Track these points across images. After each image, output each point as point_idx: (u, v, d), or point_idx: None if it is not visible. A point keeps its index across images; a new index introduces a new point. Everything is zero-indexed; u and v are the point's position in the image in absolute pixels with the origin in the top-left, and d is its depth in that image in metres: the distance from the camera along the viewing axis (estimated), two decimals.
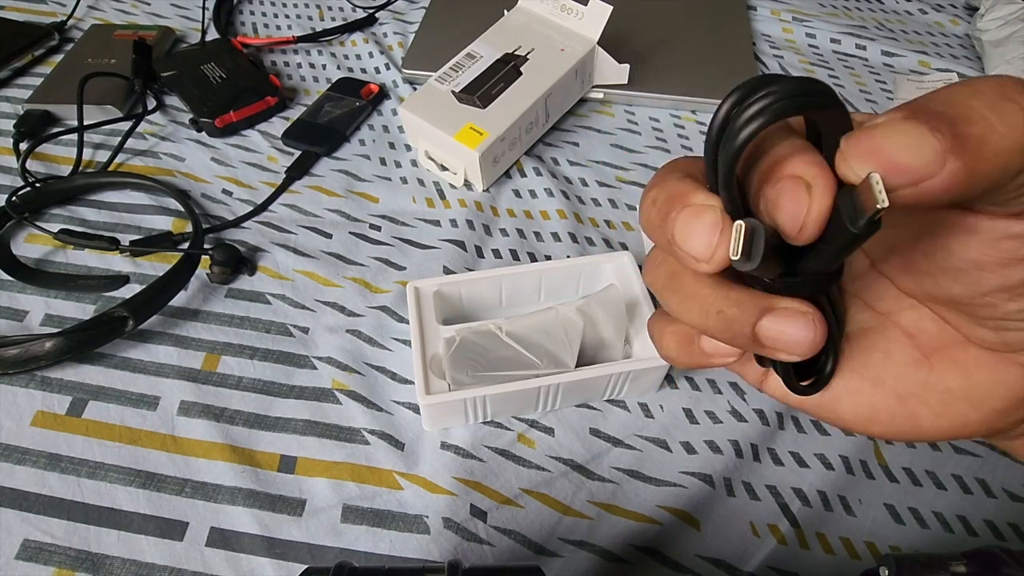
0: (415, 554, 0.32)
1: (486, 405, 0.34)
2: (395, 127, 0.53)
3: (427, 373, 0.34)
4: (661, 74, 0.55)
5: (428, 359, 0.35)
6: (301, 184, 0.49)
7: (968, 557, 0.25)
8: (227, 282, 0.42)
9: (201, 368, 0.38)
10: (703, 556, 0.32)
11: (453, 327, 0.35)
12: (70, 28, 0.62)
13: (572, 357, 0.33)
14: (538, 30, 0.51)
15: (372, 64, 0.59)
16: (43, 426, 0.36)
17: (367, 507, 0.33)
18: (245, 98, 0.52)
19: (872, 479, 0.34)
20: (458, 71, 0.49)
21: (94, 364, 0.38)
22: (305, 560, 0.32)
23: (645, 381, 0.36)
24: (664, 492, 0.34)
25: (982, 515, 0.33)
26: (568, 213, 0.46)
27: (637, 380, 0.36)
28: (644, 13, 0.60)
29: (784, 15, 0.62)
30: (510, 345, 0.34)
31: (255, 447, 0.35)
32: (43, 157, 0.50)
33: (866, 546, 0.32)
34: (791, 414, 0.37)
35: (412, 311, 0.36)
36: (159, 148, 0.51)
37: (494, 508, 0.33)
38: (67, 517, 0.33)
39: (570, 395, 0.36)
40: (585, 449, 0.36)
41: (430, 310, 0.37)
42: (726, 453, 0.35)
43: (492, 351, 0.34)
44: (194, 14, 0.64)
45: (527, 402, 0.35)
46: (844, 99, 0.56)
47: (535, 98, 0.47)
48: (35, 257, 0.44)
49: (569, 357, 0.33)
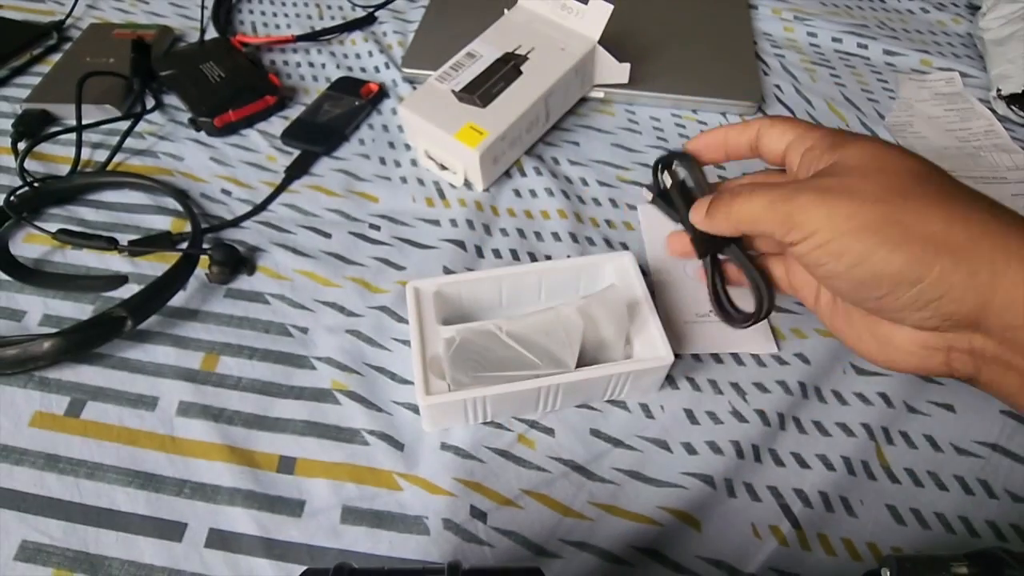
0: (415, 555, 0.32)
1: (486, 406, 0.34)
2: (395, 126, 0.53)
3: (427, 373, 0.34)
4: (662, 73, 0.55)
5: (428, 359, 0.34)
6: (300, 184, 0.49)
7: (970, 558, 0.25)
8: (226, 282, 0.42)
9: (200, 368, 0.38)
10: (704, 557, 0.32)
11: (453, 327, 0.34)
12: (69, 27, 0.61)
13: (572, 357, 0.33)
14: (539, 29, 0.50)
15: (372, 63, 0.58)
16: (41, 426, 0.36)
17: (366, 508, 0.33)
18: (244, 97, 0.52)
19: (874, 480, 0.34)
20: (458, 70, 0.48)
21: (92, 364, 0.38)
22: (304, 561, 0.32)
23: (646, 381, 0.36)
24: (665, 493, 0.34)
25: (984, 516, 0.33)
26: (568, 213, 0.46)
27: (638, 381, 0.35)
28: (645, 12, 0.60)
29: (785, 14, 0.62)
30: (510, 345, 0.33)
31: (254, 448, 0.35)
32: (41, 156, 0.50)
33: (868, 547, 0.32)
34: (792, 415, 0.36)
35: (412, 311, 0.36)
36: (158, 147, 0.51)
37: (494, 509, 0.33)
38: (65, 518, 0.33)
39: (570, 395, 0.36)
40: (585, 450, 0.35)
41: (430, 310, 0.37)
42: (727, 454, 0.35)
43: (492, 351, 0.34)
44: (193, 13, 0.63)
45: (527, 403, 0.35)
46: (846, 99, 0.55)
47: (535, 97, 0.47)
48: (33, 257, 0.43)
49: (569, 357, 0.33)
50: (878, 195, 0.23)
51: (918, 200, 0.22)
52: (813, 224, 0.24)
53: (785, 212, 0.25)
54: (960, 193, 0.23)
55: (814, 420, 0.36)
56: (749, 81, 0.55)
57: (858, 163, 0.24)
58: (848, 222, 0.23)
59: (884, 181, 0.23)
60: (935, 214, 0.22)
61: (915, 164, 0.24)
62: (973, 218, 0.22)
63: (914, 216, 0.22)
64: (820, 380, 0.38)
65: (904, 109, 0.55)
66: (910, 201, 0.23)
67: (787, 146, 0.29)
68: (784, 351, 0.39)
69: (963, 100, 0.55)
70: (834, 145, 0.26)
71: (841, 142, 0.26)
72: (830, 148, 0.26)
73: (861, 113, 0.54)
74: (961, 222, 0.22)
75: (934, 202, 0.22)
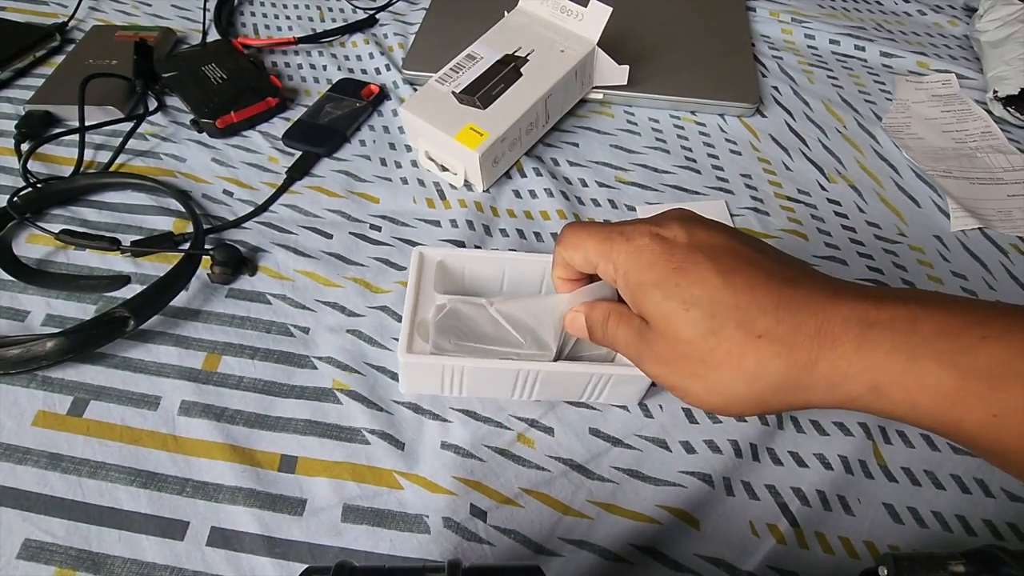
0: (415, 553, 0.32)
1: (463, 378, 0.35)
2: (395, 128, 0.54)
3: (412, 333, 0.34)
4: (661, 75, 0.55)
5: (416, 322, 0.35)
6: (302, 184, 0.49)
7: (967, 557, 0.25)
8: (228, 282, 0.42)
9: (202, 368, 0.38)
10: (702, 555, 0.32)
11: (447, 296, 0.35)
12: (71, 29, 0.62)
13: (555, 342, 0.33)
14: (538, 31, 0.51)
15: (372, 65, 0.59)
16: (44, 426, 0.36)
17: (367, 507, 0.33)
18: (246, 99, 0.52)
19: (871, 479, 0.34)
20: (458, 72, 0.49)
21: (95, 364, 0.38)
22: (305, 560, 0.32)
23: (627, 389, 0.36)
24: (664, 492, 0.34)
25: (981, 515, 0.33)
26: (568, 213, 0.47)
27: (619, 386, 0.35)
28: (644, 14, 0.60)
29: (783, 16, 0.63)
30: (497, 321, 0.33)
31: (256, 447, 0.35)
32: (44, 158, 0.50)
33: (865, 545, 0.33)
34: (790, 414, 0.37)
35: (412, 273, 0.36)
36: (160, 149, 0.51)
37: (494, 508, 0.34)
38: (68, 517, 0.33)
39: (548, 387, 0.36)
40: (585, 449, 0.36)
41: (430, 277, 0.37)
42: (725, 453, 0.35)
43: (479, 324, 0.34)
44: (195, 15, 0.64)
45: (504, 384, 0.35)
46: (844, 100, 0.56)
47: (535, 99, 0.47)
48: (36, 257, 0.44)
49: (552, 341, 0.33)
50: (690, 371, 0.25)
51: (718, 370, 0.24)
52: (656, 377, 0.28)
53: (638, 363, 0.28)
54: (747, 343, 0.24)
55: (812, 419, 0.36)
56: (747, 83, 0.55)
57: (661, 330, 0.26)
58: (679, 388, 0.26)
59: (685, 352, 0.25)
60: (736, 381, 0.24)
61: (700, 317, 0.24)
62: (765, 372, 0.24)
63: (719, 385, 0.25)
64: None
65: (901, 110, 0.55)
66: (711, 372, 0.24)
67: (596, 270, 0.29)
68: None
69: (960, 102, 0.56)
70: (636, 299, 0.27)
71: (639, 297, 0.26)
72: (635, 302, 0.27)
73: (858, 114, 0.54)
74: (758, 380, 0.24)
75: (729, 368, 0.24)
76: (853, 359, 0.22)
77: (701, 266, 0.25)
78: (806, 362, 0.23)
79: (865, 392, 0.22)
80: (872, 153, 0.52)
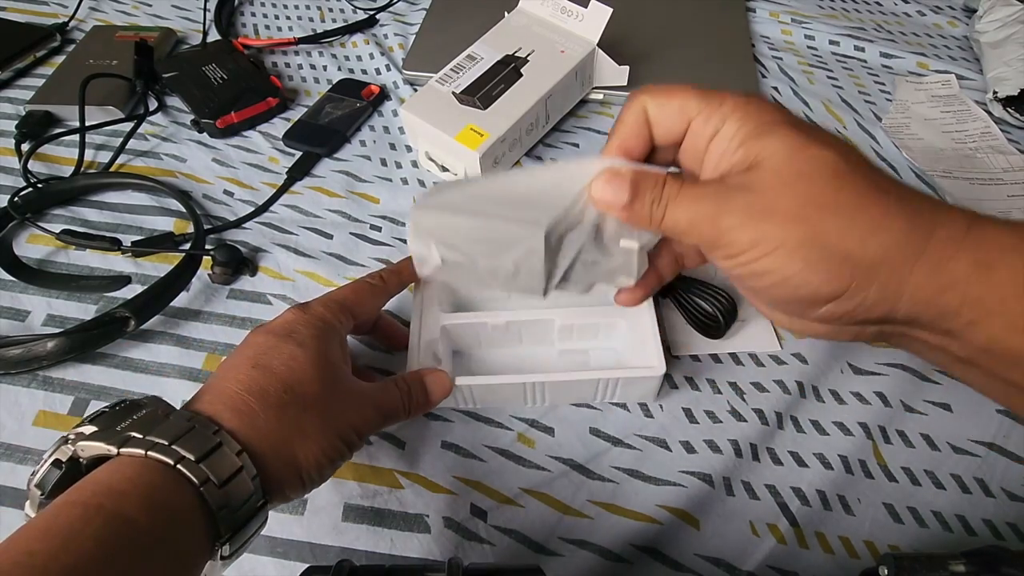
0: (416, 553, 0.32)
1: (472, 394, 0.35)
2: (396, 128, 0.54)
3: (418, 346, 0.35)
4: (661, 76, 0.55)
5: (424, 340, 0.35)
6: (302, 185, 0.49)
7: (967, 556, 0.25)
8: (228, 282, 0.43)
9: (202, 368, 0.38)
10: (703, 555, 0.32)
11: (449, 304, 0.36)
12: (72, 29, 0.62)
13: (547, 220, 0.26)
14: (538, 32, 0.51)
15: (373, 65, 0.59)
16: (45, 425, 0.36)
17: (368, 506, 0.33)
18: (246, 99, 0.52)
19: (871, 478, 0.35)
20: (459, 72, 0.49)
21: (96, 364, 0.38)
22: (307, 559, 0.32)
23: (638, 389, 0.36)
24: (664, 491, 0.34)
25: (981, 515, 0.33)
26: None
27: (629, 387, 0.35)
28: (644, 15, 0.60)
29: (783, 17, 0.63)
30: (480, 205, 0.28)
31: None
32: (45, 158, 0.50)
33: (865, 545, 0.33)
34: (790, 414, 0.37)
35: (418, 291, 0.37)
36: (160, 149, 0.51)
37: (494, 507, 0.34)
38: None
39: (558, 393, 0.36)
40: (585, 448, 0.36)
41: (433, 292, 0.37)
42: (725, 453, 0.35)
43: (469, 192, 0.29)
44: (195, 15, 0.64)
45: (514, 396, 0.36)
46: (844, 101, 0.56)
47: (535, 99, 0.47)
48: (37, 257, 0.44)
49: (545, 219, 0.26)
50: (798, 213, 0.23)
51: (836, 214, 0.23)
52: (738, 246, 0.24)
53: (712, 235, 0.25)
54: (877, 193, 0.23)
55: (812, 419, 0.37)
56: (747, 83, 0.55)
57: (778, 165, 0.24)
58: (772, 245, 0.23)
59: (804, 191, 0.23)
60: (852, 228, 0.23)
61: (835, 159, 0.23)
62: (887, 225, 0.23)
63: (832, 233, 0.23)
64: (818, 379, 0.38)
65: (901, 111, 0.55)
66: (828, 215, 0.23)
67: (691, 123, 0.26)
68: (782, 351, 0.39)
69: (959, 102, 0.56)
70: (753, 135, 0.24)
71: (758, 132, 0.24)
72: (749, 138, 0.24)
73: (858, 115, 0.54)
74: (876, 234, 0.23)
75: (852, 211, 0.23)
76: (967, 234, 0.22)
77: (827, 132, 0.25)
78: (927, 227, 0.22)
79: (971, 270, 0.22)
80: (872, 153, 0.52)
